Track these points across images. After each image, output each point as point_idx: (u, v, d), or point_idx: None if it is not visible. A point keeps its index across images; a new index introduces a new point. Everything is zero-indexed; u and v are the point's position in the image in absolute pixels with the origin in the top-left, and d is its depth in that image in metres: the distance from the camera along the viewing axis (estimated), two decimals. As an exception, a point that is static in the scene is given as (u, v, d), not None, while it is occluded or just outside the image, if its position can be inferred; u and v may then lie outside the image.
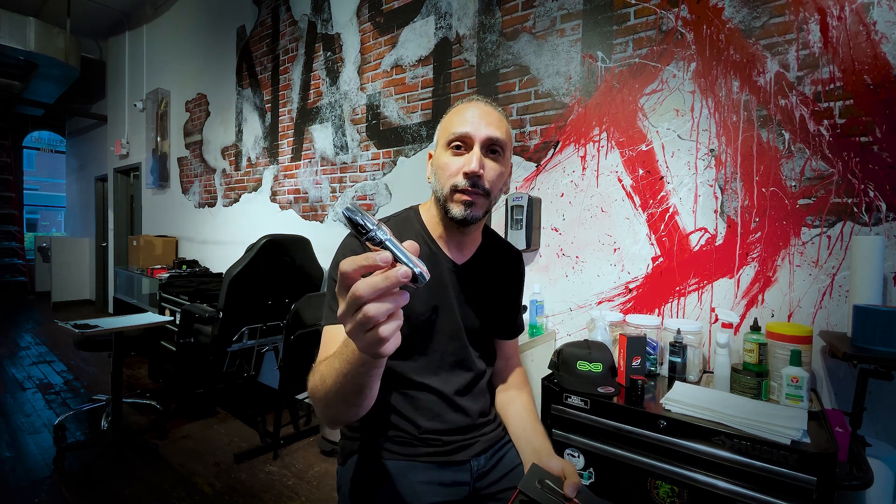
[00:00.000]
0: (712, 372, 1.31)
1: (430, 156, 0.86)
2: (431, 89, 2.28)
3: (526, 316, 1.71)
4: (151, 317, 2.36)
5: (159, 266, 3.87)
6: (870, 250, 1.15)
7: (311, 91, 2.95)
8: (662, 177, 1.60)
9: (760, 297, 1.41)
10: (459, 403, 0.86)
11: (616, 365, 1.31)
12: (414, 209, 0.92)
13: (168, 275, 3.29)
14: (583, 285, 1.78)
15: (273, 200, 3.26)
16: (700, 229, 1.52)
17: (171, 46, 4.42)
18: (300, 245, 2.59)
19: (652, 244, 1.62)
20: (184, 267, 3.72)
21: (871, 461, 1.12)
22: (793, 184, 1.36)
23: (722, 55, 1.47)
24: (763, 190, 1.41)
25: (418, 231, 0.87)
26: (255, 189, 3.41)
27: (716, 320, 1.48)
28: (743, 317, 1.44)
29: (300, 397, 2.76)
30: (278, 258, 2.44)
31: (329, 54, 2.82)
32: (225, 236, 3.74)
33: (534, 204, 1.83)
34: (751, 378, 1.18)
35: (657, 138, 1.60)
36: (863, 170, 1.25)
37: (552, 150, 1.86)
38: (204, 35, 3.96)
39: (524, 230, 1.80)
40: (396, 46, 2.44)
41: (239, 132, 3.56)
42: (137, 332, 2.46)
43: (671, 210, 1.58)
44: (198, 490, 1.96)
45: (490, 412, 0.94)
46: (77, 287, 6.46)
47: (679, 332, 1.35)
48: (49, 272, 6.36)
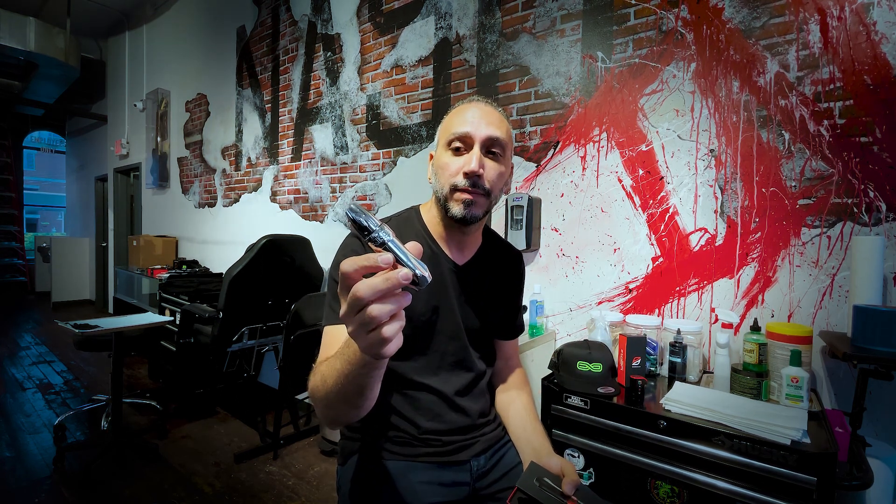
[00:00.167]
0: (712, 372, 1.31)
1: (431, 156, 0.87)
2: (431, 89, 2.28)
3: (526, 316, 1.71)
4: (151, 317, 2.36)
5: (159, 266, 3.87)
6: (870, 250, 1.16)
7: (311, 91, 2.95)
8: (662, 177, 1.60)
9: (760, 298, 1.41)
10: (459, 404, 0.86)
11: (616, 365, 1.31)
12: (414, 209, 0.92)
13: (168, 275, 3.29)
14: (583, 285, 1.78)
15: (273, 200, 3.26)
16: (700, 229, 1.52)
17: (171, 46, 4.42)
18: (300, 245, 2.59)
19: (652, 244, 1.62)
20: (184, 267, 3.72)
21: (871, 461, 1.12)
22: (793, 184, 1.36)
23: (722, 55, 1.48)
24: (763, 190, 1.41)
25: (419, 231, 0.87)
26: (255, 189, 3.41)
27: (716, 320, 1.49)
28: (743, 317, 1.44)
29: (300, 397, 2.76)
30: (278, 258, 2.44)
31: (329, 54, 2.82)
32: (225, 236, 3.74)
33: (534, 204, 1.83)
34: (751, 378, 1.18)
35: (657, 138, 1.61)
36: (863, 170, 1.25)
37: (552, 151, 1.86)
38: (204, 35, 3.96)
39: (524, 230, 1.80)
40: (396, 46, 2.44)
41: (239, 132, 3.56)
42: (137, 332, 2.46)
43: (671, 210, 1.58)
44: (198, 490, 1.96)
45: (490, 412, 0.94)
46: (77, 287, 6.46)
47: (679, 333, 1.35)
48: (49, 272, 6.36)
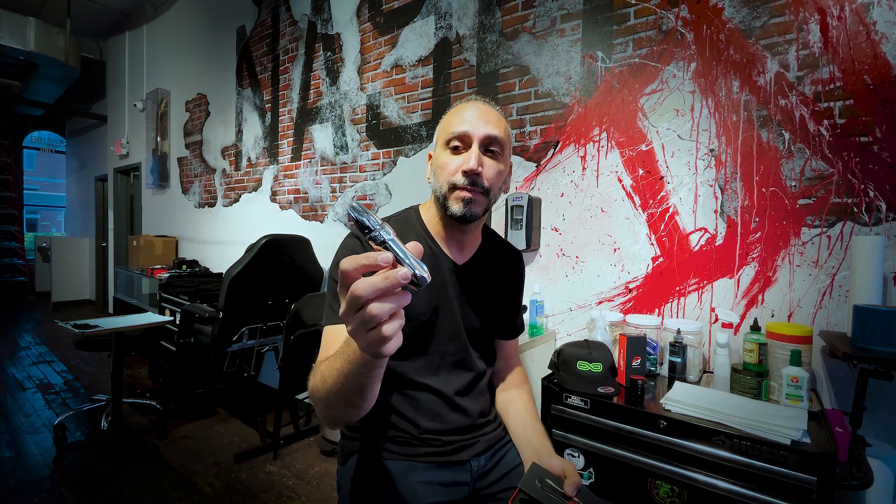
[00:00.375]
0: (712, 372, 1.31)
1: (430, 156, 0.87)
2: (431, 89, 2.28)
3: (526, 316, 1.71)
4: (151, 317, 2.36)
5: (159, 266, 3.87)
6: (870, 250, 1.16)
7: (311, 91, 2.95)
8: (662, 177, 1.60)
9: (760, 297, 1.41)
10: (459, 403, 0.86)
11: (616, 365, 1.31)
12: (414, 209, 0.92)
13: (168, 275, 3.29)
14: (583, 285, 1.78)
15: (273, 200, 3.26)
16: (700, 229, 1.52)
17: (171, 46, 4.42)
18: (300, 245, 2.59)
19: (652, 244, 1.62)
20: (184, 267, 3.72)
21: (871, 461, 1.12)
22: (793, 184, 1.36)
23: (722, 55, 1.47)
24: (763, 190, 1.41)
25: (419, 231, 0.87)
26: (255, 189, 3.41)
27: (716, 320, 1.48)
28: (743, 317, 1.44)
29: (300, 397, 2.76)
30: (278, 258, 2.44)
31: (329, 54, 2.82)
32: (225, 236, 3.74)
33: (534, 204, 1.83)
34: (751, 378, 1.18)
35: (657, 138, 1.60)
36: (863, 170, 1.25)
37: (552, 150, 1.86)
38: (204, 35, 3.96)
39: (524, 230, 1.80)
40: (396, 46, 2.44)
41: (239, 132, 3.56)
42: (137, 332, 2.46)
43: (671, 210, 1.58)
44: (198, 490, 1.96)
45: (490, 412, 0.94)
46: (77, 287, 6.46)
47: (679, 332, 1.35)
48: (49, 272, 6.36)
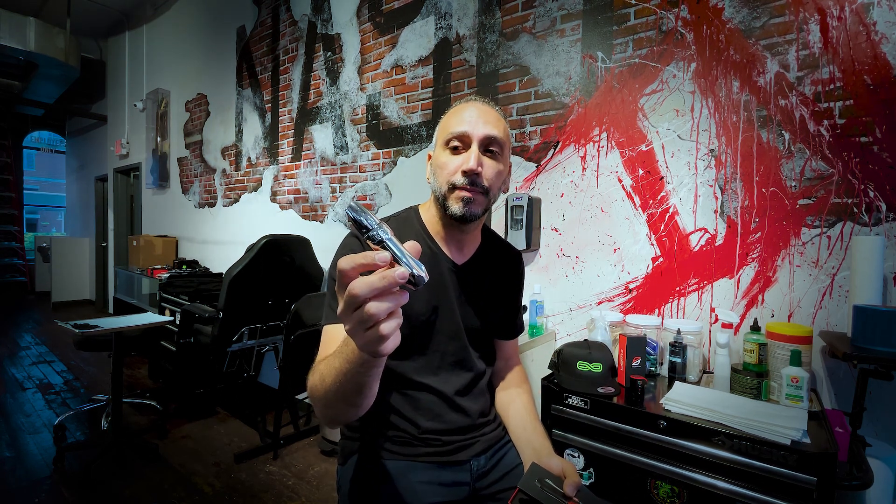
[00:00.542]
0: (712, 372, 1.30)
1: (430, 157, 0.87)
2: (431, 89, 2.28)
3: (526, 316, 1.71)
4: (151, 317, 2.36)
5: (159, 266, 3.87)
6: (870, 250, 1.15)
7: (311, 91, 2.95)
8: (662, 177, 1.60)
9: (760, 298, 1.41)
10: (459, 403, 0.86)
11: (616, 365, 1.31)
12: (414, 209, 0.92)
13: (168, 275, 3.29)
14: (583, 285, 1.78)
15: (273, 200, 3.26)
16: (700, 229, 1.52)
17: (171, 46, 4.42)
18: (300, 245, 2.59)
19: (652, 244, 1.62)
20: (184, 267, 3.72)
21: (871, 461, 1.12)
22: (793, 184, 1.36)
23: (722, 55, 1.47)
24: (763, 190, 1.41)
25: (418, 231, 0.87)
26: (255, 189, 3.41)
27: (716, 320, 1.48)
28: (743, 317, 1.44)
29: (300, 397, 2.76)
30: (278, 258, 2.44)
31: (329, 54, 2.83)
32: (225, 236, 3.74)
33: (534, 204, 1.83)
34: (751, 378, 1.18)
35: (657, 138, 1.60)
36: (863, 170, 1.25)
37: (552, 151, 1.86)
38: (204, 35, 3.96)
39: (524, 230, 1.80)
40: (396, 46, 2.44)
41: (239, 132, 3.56)
42: (137, 332, 2.46)
43: (671, 210, 1.58)
44: (198, 490, 1.96)
45: (490, 412, 0.94)
46: (77, 287, 6.46)
47: (679, 333, 1.35)
48: (49, 272, 6.36)
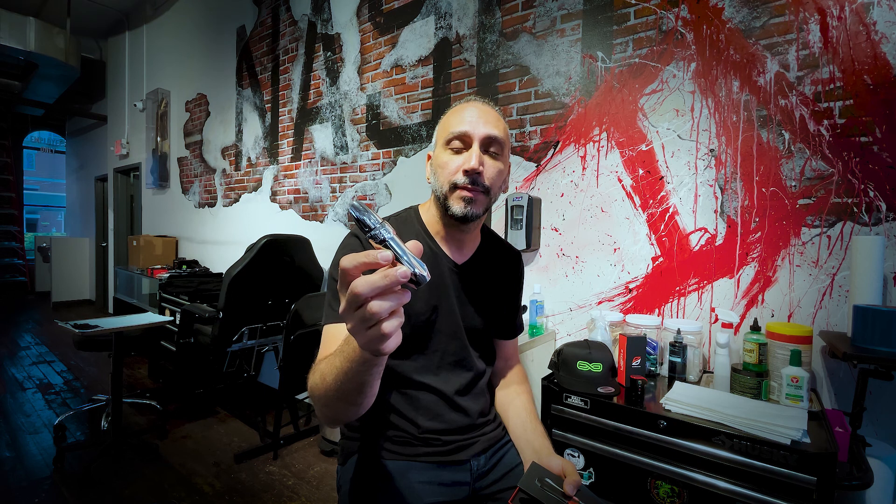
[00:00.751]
0: (712, 372, 1.31)
1: (429, 157, 0.87)
2: (431, 89, 2.28)
3: (526, 316, 1.71)
4: (151, 317, 2.36)
5: (159, 266, 3.87)
6: (870, 250, 1.15)
7: (311, 91, 2.95)
8: (662, 177, 1.60)
9: (760, 297, 1.41)
10: (459, 403, 0.86)
11: (616, 365, 1.31)
12: (414, 209, 0.92)
13: (168, 275, 3.29)
14: (583, 285, 1.78)
15: (273, 200, 3.26)
16: (700, 229, 1.52)
17: (171, 46, 4.42)
18: (300, 245, 2.59)
19: (652, 244, 1.62)
20: (184, 267, 3.72)
21: (871, 461, 1.12)
22: (793, 184, 1.36)
23: (722, 55, 1.48)
24: (763, 190, 1.41)
25: (418, 231, 0.87)
26: (255, 189, 3.41)
27: (716, 320, 1.48)
28: (743, 317, 1.44)
29: (300, 397, 2.76)
30: (278, 258, 2.44)
31: (329, 54, 2.83)
32: (225, 236, 3.74)
33: (534, 204, 1.83)
34: (751, 378, 1.18)
35: (657, 138, 1.60)
36: (863, 170, 1.25)
37: (552, 150, 1.86)
38: (204, 35, 3.96)
39: (524, 230, 1.80)
40: (396, 46, 2.44)
41: (239, 132, 3.56)
42: (137, 332, 2.46)
43: (671, 210, 1.58)
44: (198, 490, 1.96)
45: (490, 412, 0.94)
46: (77, 287, 6.46)
47: (679, 332, 1.35)
48: (49, 272, 6.37)
